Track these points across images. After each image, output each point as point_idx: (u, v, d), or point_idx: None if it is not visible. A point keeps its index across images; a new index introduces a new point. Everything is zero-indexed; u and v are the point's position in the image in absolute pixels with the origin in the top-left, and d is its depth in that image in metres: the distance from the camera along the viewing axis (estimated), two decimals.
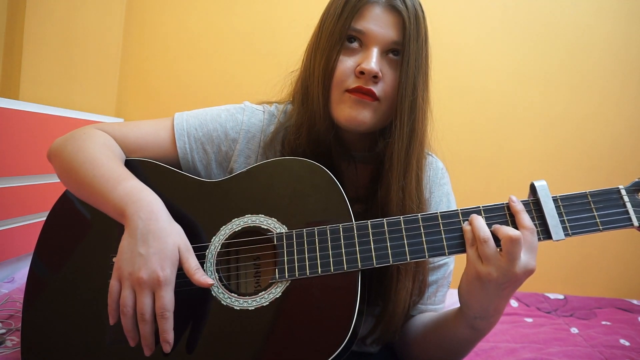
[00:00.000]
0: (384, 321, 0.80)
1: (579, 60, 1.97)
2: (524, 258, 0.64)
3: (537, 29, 1.97)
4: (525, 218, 0.66)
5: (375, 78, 0.76)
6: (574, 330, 1.50)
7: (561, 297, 1.80)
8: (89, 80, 1.80)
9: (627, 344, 1.40)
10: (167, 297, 0.65)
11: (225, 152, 0.88)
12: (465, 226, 0.68)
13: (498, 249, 0.65)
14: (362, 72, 0.75)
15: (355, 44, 0.78)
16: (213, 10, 2.02)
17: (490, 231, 0.65)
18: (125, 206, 0.70)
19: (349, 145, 0.85)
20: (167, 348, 0.66)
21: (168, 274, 0.65)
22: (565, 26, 1.96)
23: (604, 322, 1.58)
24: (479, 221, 0.66)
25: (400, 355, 0.90)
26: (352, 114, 0.77)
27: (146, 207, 0.70)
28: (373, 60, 0.75)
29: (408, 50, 0.76)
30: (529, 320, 1.58)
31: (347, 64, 0.77)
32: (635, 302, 1.79)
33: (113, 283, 0.67)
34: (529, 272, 0.64)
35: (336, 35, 0.77)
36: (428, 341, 0.82)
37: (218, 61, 2.01)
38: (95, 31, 1.80)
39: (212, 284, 0.69)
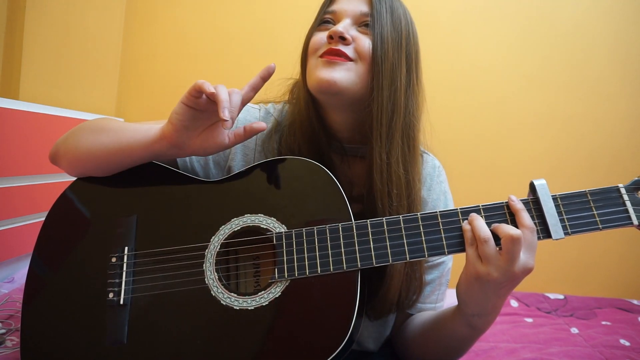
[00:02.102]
0: (379, 296, 0.79)
1: (578, 60, 1.97)
2: (523, 257, 0.64)
3: (537, 29, 1.97)
4: (525, 217, 0.66)
5: (343, 40, 0.77)
6: (574, 330, 1.50)
7: (561, 297, 1.80)
8: (89, 80, 1.80)
9: (627, 344, 1.40)
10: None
11: (222, 151, 0.87)
12: (465, 225, 0.67)
13: (497, 248, 0.65)
14: (331, 37, 0.78)
15: (330, 25, 0.81)
16: (213, 11, 2.02)
17: (490, 230, 0.65)
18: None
19: (334, 127, 0.84)
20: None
21: None
22: (566, 26, 1.97)
23: (604, 322, 1.58)
24: (479, 221, 0.66)
25: (400, 354, 0.90)
26: (322, 75, 0.77)
27: None
28: (341, 25, 0.78)
29: (379, 17, 0.78)
30: (529, 320, 1.58)
31: (319, 35, 0.81)
32: (635, 302, 1.79)
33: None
34: (527, 271, 0.65)
35: (315, 23, 0.83)
36: (427, 339, 0.83)
37: (218, 61, 2.01)
38: (95, 31, 1.80)
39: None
